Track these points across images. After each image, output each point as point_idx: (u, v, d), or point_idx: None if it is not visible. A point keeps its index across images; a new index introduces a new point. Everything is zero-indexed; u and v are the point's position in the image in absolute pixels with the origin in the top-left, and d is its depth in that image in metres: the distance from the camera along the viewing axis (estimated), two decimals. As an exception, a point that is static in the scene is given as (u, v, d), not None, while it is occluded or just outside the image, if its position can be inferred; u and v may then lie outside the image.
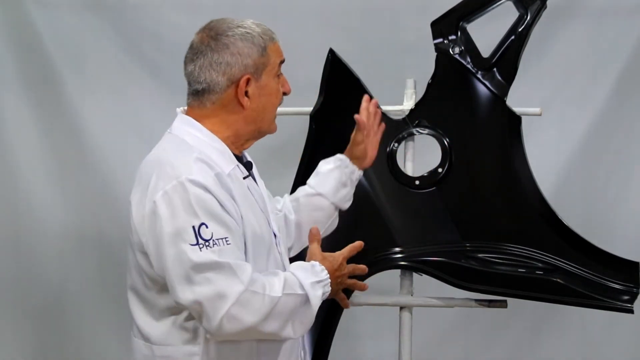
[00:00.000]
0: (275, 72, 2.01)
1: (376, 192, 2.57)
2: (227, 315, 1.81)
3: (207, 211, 1.84)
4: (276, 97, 2.03)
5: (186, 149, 1.93)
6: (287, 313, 1.88)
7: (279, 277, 1.90)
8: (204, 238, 1.83)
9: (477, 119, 2.55)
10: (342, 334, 2.64)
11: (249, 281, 1.83)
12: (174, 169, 1.88)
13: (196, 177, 1.85)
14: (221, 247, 1.83)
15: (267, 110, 2.01)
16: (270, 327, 1.86)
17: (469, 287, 2.50)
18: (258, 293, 1.83)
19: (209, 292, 1.81)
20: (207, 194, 1.85)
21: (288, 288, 1.88)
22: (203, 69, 1.96)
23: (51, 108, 3.35)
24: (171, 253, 1.84)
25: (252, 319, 1.83)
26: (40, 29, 3.31)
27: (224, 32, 1.97)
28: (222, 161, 1.95)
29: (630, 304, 2.42)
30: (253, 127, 2.01)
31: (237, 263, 1.84)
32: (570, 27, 3.29)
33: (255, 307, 1.83)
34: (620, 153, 3.33)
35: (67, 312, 3.42)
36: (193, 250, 1.82)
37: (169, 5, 3.36)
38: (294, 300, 1.89)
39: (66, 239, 3.39)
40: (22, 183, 3.36)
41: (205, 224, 1.83)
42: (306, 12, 3.33)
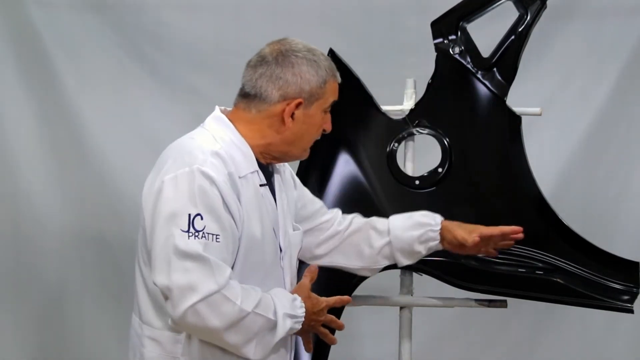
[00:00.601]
0: (325, 108, 2.04)
1: (376, 192, 2.57)
2: (191, 309, 1.82)
3: (207, 204, 1.86)
4: (316, 131, 2.06)
5: (209, 143, 1.96)
6: (252, 331, 1.88)
7: (256, 293, 1.90)
8: (195, 228, 1.85)
9: (477, 119, 2.55)
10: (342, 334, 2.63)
11: (224, 284, 1.83)
12: (190, 156, 1.91)
13: (207, 170, 1.88)
14: (209, 241, 1.85)
15: (304, 139, 2.04)
16: (232, 338, 1.87)
17: (469, 287, 2.50)
18: (230, 300, 1.84)
19: (181, 281, 1.82)
20: (213, 188, 1.88)
21: (261, 308, 1.89)
22: (262, 77, 1.99)
23: (51, 108, 3.35)
24: (161, 233, 1.87)
25: (216, 323, 1.84)
26: (40, 29, 3.31)
27: (295, 51, 2.01)
28: (241, 163, 1.97)
29: (630, 304, 2.42)
30: (286, 149, 2.04)
31: (218, 263, 1.84)
32: (570, 27, 3.29)
33: (223, 312, 1.84)
34: (620, 153, 3.33)
35: (67, 312, 3.42)
36: (181, 236, 1.84)
37: (169, 5, 3.36)
38: (262, 322, 1.89)
39: (66, 239, 3.39)
40: (22, 183, 3.35)
41: (200, 215, 1.86)
42: (306, 12, 3.33)
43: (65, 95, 3.34)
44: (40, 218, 3.37)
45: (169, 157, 1.95)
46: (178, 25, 3.32)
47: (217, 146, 1.95)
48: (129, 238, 3.19)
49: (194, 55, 3.34)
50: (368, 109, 2.58)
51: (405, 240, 2.27)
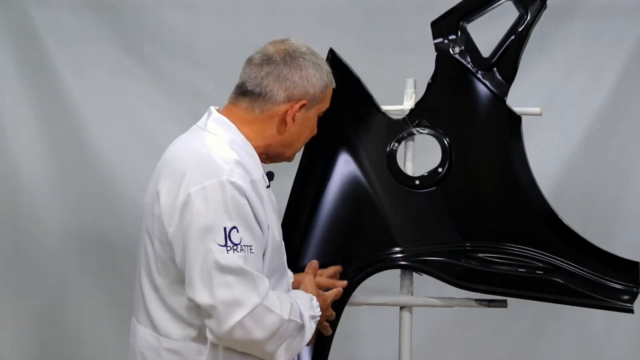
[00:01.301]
0: (320, 112, 2.08)
1: (376, 192, 2.57)
2: (239, 324, 1.82)
3: (240, 215, 1.86)
4: (310, 133, 2.11)
5: (227, 150, 1.94)
6: (285, 337, 1.91)
7: (286, 299, 1.93)
8: (233, 241, 1.84)
9: (477, 119, 2.55)
10: (342, 334, 2.64)
11: (265, 295, 1.85)
12: (216, 166, 1.89)
13: (237, 180, 1.88)
14: (247, 254, 1.85)
15: (299, 141, 2.09)
16: (271, 347, 1.89)
17: (469, 287, 2.50)
18: (272, 311, 1.86)
19: (226, 297, 1.82)
20: (243, 199, 1.88)
21: (293, 314, 1.92)
22: (269, 77, 1.99)
23: (51, 108, 3.35)
24: (197, 249, 1.84)
25: (260, 335, 1.85)
26: (40, 29, 3.31)
27: (302, 53, 2.03)
28: (254, 168, 1.98)
29: (630, 304, 2.42)
30: (281, 150, 2.07)
31: (258, 275, 1.86)
32: (570, 27, 3.29)
33: (266, 324, 1.85)
34: (620, 153, 3.33)
35: (67, 312, 3.42)
36: (220, 251, 1.83)
37: (169, 5, 3.36)
38: (293, 327, 1.92)
39: (66, 239, 3.39)
40: (22, 183, 3.35)
41: (236, 228, 1.85)
42: (306, 12, 3.33)
43: (65, 95, 3.34)
44: (40, 218, 3.37)
45: (186, 166, 1.91)
46: (178, 25, 3.32)
47: (236, 154, 1.94)
48: (129, 238, 3.20)
49: (194, 55, 3.34)
50: (368, 109, 2.58)
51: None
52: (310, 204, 2.56)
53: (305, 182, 2.56)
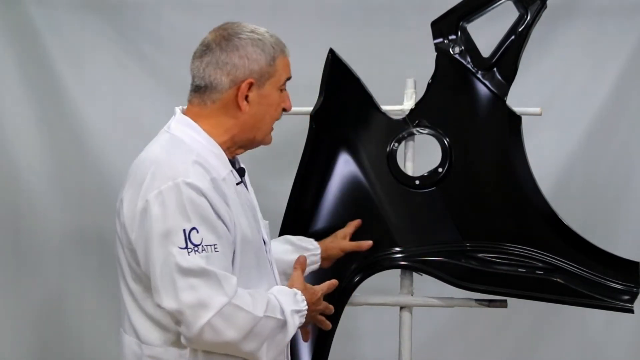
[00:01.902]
0: (280, 86, 2.01)
1: (376, 192, 2.57)
2: (207, 325, 1.80)
3: (199, 216, 1.83)
4: (275, 110, 2.03)
5: (185, 151, 1.92)
6: (264, 335, 1.87)
7: (262, 296, 1.89)
8: (193, 243, 1.81)
9: (477, 119, 2.55)
10: (342, 334, 2.64)
11: (233, 294, 1.82)
12: (171, 169, 1.87)
13: (193, 180, 1.85)
14: (209, 253, 1.82)
15: (264, 121, 2.01)
16: (249, 346, 1.86)
17: (469, 287, 2.50)
18: (242, 309, 1.82)
19: (191, 300, 1.80)
20: (202, 198, 1.84)
21: (270, 310, 1.88)
22: (209, 67, 1.97)
23: (51, 108, 3.34)
24: (159, 254, 1.83)
25: (233, 335, 1.82)
26: (40, 29, 3.31)
27: (237, 34, 1.98)
28: (218, 165, 1.94)
29: (630, 304, 2.42)
30: (248, 135, 2.01)
31: (223, 273, 1.82)
32: (570, 27, 3.29)
33: (238, 323, 1.82)
34: (620, 153, 3.33)
35: (67, 312, 3.42)
36: (181, 253, 1.81)
37: (169, 5, 3.36)
38: (273, 324, 1.89)
39: (66, 239, 3.39)
40: (22, 183, 3.35)
41: (196, 229, 1.82)
42: (306, 12, 3.33)
43: (65, 95, 3.34)
44: (40, 218, 3.37)
45: (146, 173, 1.90)
46: (178, 25, 3.32)
47: (194, 154, 1.91)
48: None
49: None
50: (368, 109, 2.58)
51: (287, 262, 2.26)
52: (310, 204, 2.56)
53: (305, 182, 2.56)
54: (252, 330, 1.84)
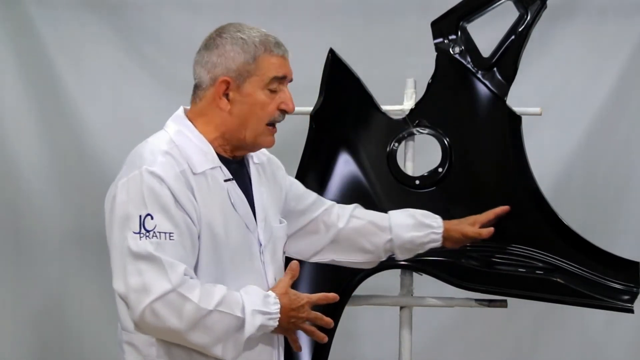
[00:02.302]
0: (264, 85, 1.98)
1: (376, 192, 2.57)
2: (148, 309, 1.82)
3: (157, 203, 1.86)
4: (262, 110, 1.99)
5: (162, 142, 1.97)
6: (218, 330, 1.85)
7: (219, 291, 1.87)
8: (146, 228, 1.85)
9: (477, 119, 2.55)
10: (342, 334, 2.64)
11: (179, 282, 1.82)
12: (140, 158, 1.93)
13: (155, 169, 1.89)
14: (161, 240, 1.85)
15: (249, 121, 1.99)
16: (197, 339, 1.85)
17: (469, 287, 2.50)
18: (188, 299, 1.82)
19: (136, 283, 1.83)
20: (163, 187, 1.88)
21: (225, 306, 1.86)
22: (197, 65, 2.03)
23: (51, 108, 3.35)
24: (116, 238, 1.89)
25: (176, 323, 1.82)
26: (40, 29, 3.31)
27: (222, 33, 2.01)
28: (199, 160, 1.96)
29: (630, 304, 2.42)
30: (238, 134, 2.00)
31: (171, 261, 1.83)
32: (570, 27, 3.29)
33: (181, 312, 1.82)
34: (620, 153, 3.33)
35: (67, 312, 3.42)
36: (133, 238, 1.85)
37: (169, 5, 3.36)
38: (228, 320, 1.86)
39: (66, 239, 3.39)
40: (22, 183, 3.35)
41: (150, 215, 1.86)
42: (306, 12, 3.33)
43: (65, 95, 3.34)
44: (40, 218, 3.37)
45: (125, 163, 1.97)
46: (178, 25, 3.32)
47: (169, 145, 1.95)
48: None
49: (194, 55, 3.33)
50: (368, 109, 2.58)
51: (407, 239, 2.30)
52: (311, 204, 2.56)
53: (306, 182, 2.56)
54: (199, 322, 1.83)
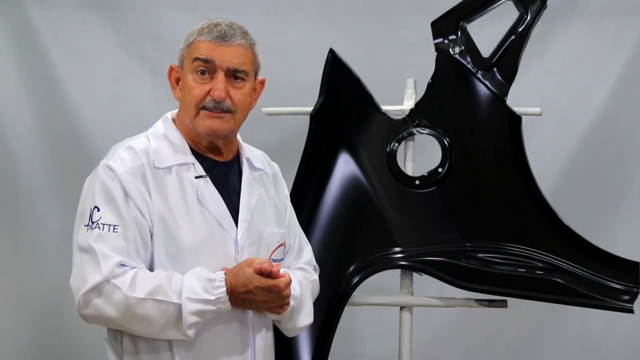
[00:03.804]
0: (193, 68, 2.02)
1: (376, 192, 2.57)
2: (82, 299, 1.88)
3: (105, 196, 1.91)
4: (189, 93, 2.02)
5: (136, 139, 2.03)
6: (155, 319, 1.87)
7: (156, 279, 1.88)
8: (92, 220, 1.91)
9: (477, 119, 2.55)
10: (342, 334, 2.64)
11: (110, 273, 1.85)
12: (107, 155, 2.00)
13: (111, 163, 1.95)
14: (103, 232, 1.89)
15: (184, 104, 2.05)
16: (138, 328, 1.89)
17: (469, 287, 2.50)
18: (119, 288, 1.86)
19: (77, 275, 1.89)
20: (114, 181, 1.92)
21: (158, 293, 1.87)
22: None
23: (51, 107, 3.34)
24: (75, 233, 1.95)
25: (111, 312, 1.87)
26: (40, 29, 3.31)
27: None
28: (168, 155, 1.99)
29: (630, 304, 2.42)
30: (187, 123, 2.05)
31: (105, 253, 1.87)
32: (570, 27, 3.29)
33: (114, 302, 1.86)
34: (620, 153, 3.32)
35: (67, 312, 3.41)
36: (82, 231, 1.91)
37: (169, 5, 3.36)
38: (160, 307, 1.87)
39: (66, 239, 3.36)
40: (22, 182, 3.35)
41: (97, 207, 1.91)
42: (306, 12, 3.33)
43: (65, 95, 3.33)
44: (40, 218, 3.37)
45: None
46: (178, 25, 3.31)
47: (140, 141, 2.00)
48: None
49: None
50: (368, 109, 2.58)
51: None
52: (311, 204, 2.56)
53: (306, 182, 2.57)
54: (132, 312, 1.86)
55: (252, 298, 1.94)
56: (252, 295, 1.93)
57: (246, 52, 2.03)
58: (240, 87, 2.02)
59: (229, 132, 2.04)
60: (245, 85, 2.03)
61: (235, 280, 1.92)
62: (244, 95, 2.03)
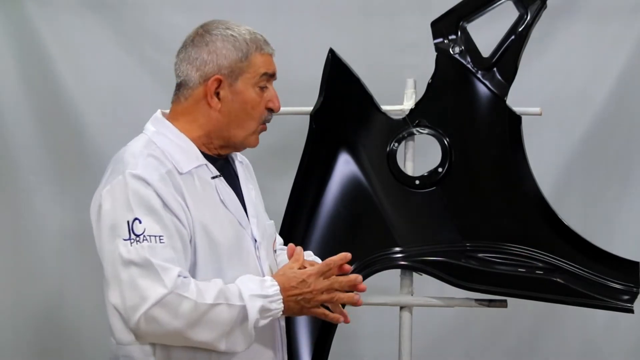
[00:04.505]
0: (255, 82, 1.96)
1: (376, 192, 2.57)
2: (145, 316, 1.78)
3: (143, 206, 1.82)
4: (252, 108, 1.97)
5: (142, 145, 1.93)
6: (222, 323, 1.82)
7: (215, 285, 1.84)
8: (135, 233, 1.80)
9: (477, 119, 2.55)
10: (342, 334, 2.64)
11: (174, 285, 1.78)
12: (123, 164, 1.88)
13: (139, 172, 1.84)
14: (152, 244, 1.80)
15: (240, 118, 1.97)
16: (201, 336, 1.81)
17: (469, 287, 2.50)
18: (186, 297, 1.78)
19: (131, 292, 1.78)
20: (148, 190, 1.83)
21: (222, 297, 1.82)
22: (182, 62, 1.99)
23: (51, 108, 3.34)
24: (107, 249, 1.83)
25: (175, 323, 1.79)
26: (40, 29, 3.31)
27: (210, 30, 1.98)
28: (183, 159, 1.93)
29: (630, 304, 2.42)
30: (225, 133, 1.97)
31: (163, 265, 1.79)
32: (570, 27, 3.29)
33: (180, 312, 1.78)
34: (620, 153, 3.32)
35: (67, 312, 3.42)
36: (124, 245, 1.80)
37: (169, 5, 3.36)
38: (229, 311, 1.82)
39: (66, 239, 3.39)
40: (22, 183, 3.35)
41: (138, 219, 1.81)
42: (306, 12, 3.33)
43: (65, 95, 3.34)
44: (40, 218, 3.37)
45: (107, 170, 1.93)
46: (178, 25, 3.31)
47: (150, 147, 1.92)
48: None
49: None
50: (368, 109, 2.58)
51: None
52: (311, 203, 2.57)
53: (306, 182, 2.57)
54: (200, 319, 1.80)
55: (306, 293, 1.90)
56: (305, 287, 1.89)
57: None
58: None
59: None
60: None
61: (284, 278, 1.90)
62: None
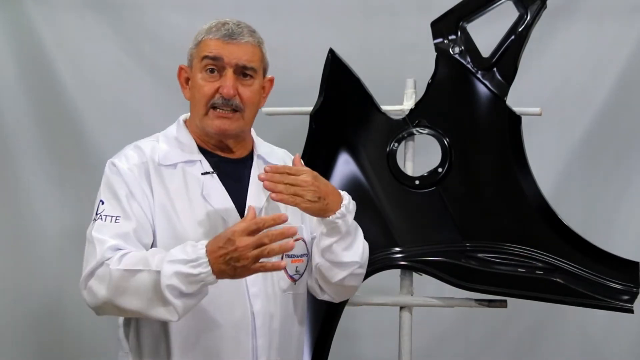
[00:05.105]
0: (202, 66, 2.03)
1: (376, 192, 2.57)
2: (86, 288, 1.94)
3: (109, 190, 1.98)
4: (199, 92, 2.03)
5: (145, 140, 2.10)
6: (143, 291, 1.84)
7: (142, 254, 1.89)
8: (97, 213, 1.97)
9: (477, 119, 2.55)
10: (342, 334, 2.64)
11: (102, 256, 1.90)
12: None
13: (116, 161, 2.01)
14: (104, 222, 1.95)
15: (194, 103, 2.07)
16: (127, 303, 1.87)
17: (469, 287, 2.50)
18: (107, 266, 1.88)
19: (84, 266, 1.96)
20: (117, 177, 1.98)
21: (142, 264, 1.85)
22: None
23: (51, 107, 3.34)
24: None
25: (104, 293, 1.89)
26: (40, 29, 3.31)
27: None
28: (174, 153, 2.03)
29: (630, 304, 2.42)
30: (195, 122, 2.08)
31: (101, 238, 1.92)
32: (570, 27, 3.28)
33: (105, 281, 1.88)
34: (620, 153, 3.32)
35: (67, 312, 3.42)
36: (91, 224, 1.99)
37: (169, 5, 3.36)
38: (148, 277, 1.83)
39: (66, 239, 3.38)
40: (22, 183, 3.35)
41: (102, 201, 1.98)
42: (306, 12, 3.33)
43: (65, 95, 3.33)
44: (40, 218, 3.36)
45: None
46: (178, 25, 3.31)
47: (147, 141, 2.07)
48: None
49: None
50: (368, 109, 2.58)
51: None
52: (310, 204, 2.56)
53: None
54: (124, 286, 1.86)
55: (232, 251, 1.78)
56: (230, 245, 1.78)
57: (254, 50, 2.04)
58: (249, 84, 2.03)
59: (238, 131, 2.05)
60: (254, 82, 2.04)
61: (214, 240, 1.83)
62: (252, 93, 2.03)
